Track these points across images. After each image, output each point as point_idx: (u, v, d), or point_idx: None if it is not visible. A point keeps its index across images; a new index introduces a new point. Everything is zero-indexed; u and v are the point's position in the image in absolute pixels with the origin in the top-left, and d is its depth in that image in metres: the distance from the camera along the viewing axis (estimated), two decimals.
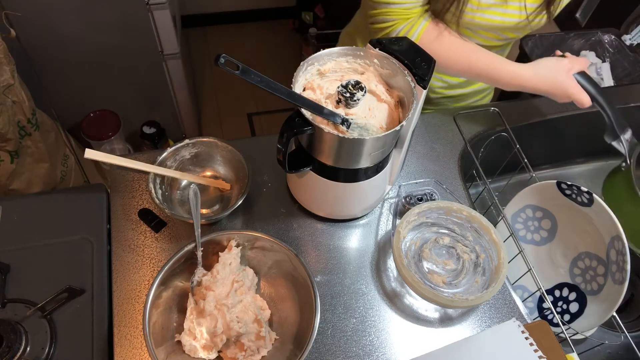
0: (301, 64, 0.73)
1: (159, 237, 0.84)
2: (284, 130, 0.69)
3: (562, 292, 0.90)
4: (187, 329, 0.71)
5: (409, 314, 0.80)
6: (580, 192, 0.83)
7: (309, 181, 0.80)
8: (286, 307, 0.75)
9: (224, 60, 0.58)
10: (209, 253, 0.74)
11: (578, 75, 0.90)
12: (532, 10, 0.87)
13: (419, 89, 0.72)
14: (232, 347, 0.72)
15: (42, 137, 1.43)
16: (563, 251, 0.92)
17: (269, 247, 0.75)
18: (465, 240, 0.83)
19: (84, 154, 0.74)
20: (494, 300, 0.83)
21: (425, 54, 0.74)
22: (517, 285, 0.92)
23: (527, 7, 0.87)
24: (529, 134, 1.08)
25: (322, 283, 0.82)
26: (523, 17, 0.88)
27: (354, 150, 0.71)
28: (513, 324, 0.73)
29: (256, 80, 0.62)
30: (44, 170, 1.45)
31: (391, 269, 0.84)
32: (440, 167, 0.97)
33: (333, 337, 0.77)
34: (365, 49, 0.76)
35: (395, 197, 0.92)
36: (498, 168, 1.03)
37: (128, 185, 0.89)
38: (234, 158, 0.86)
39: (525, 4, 0.86)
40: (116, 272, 0.80)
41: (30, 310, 0.74)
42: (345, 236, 0.88)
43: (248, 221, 0.87)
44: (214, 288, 0.71)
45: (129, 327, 0.75)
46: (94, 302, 0.77)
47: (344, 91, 0.71)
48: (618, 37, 1.80)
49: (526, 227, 0.97)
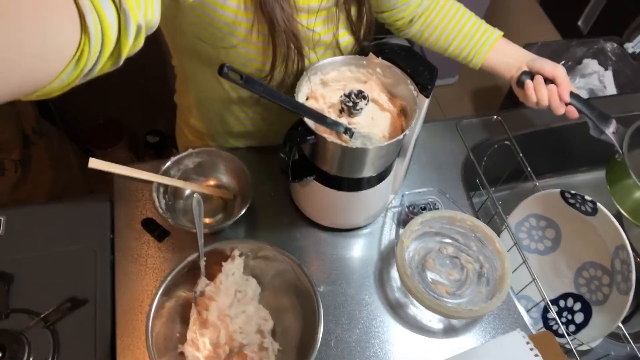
0: (304, 73, 0.73)
1: (162, 247, 0.84)
2: (287, 139, 0.69)
3: (566, 302, 0.89)
4: (190, 340, 0.71)
5: (412, 325, 0.80)
6: (585, 202, 0.83)
7: (312, 190, 0.80)
8: (289, 317, 0.75)
9: (228, 70, 0.58)
10: (212, 263, 0.74)
11: None
12: None
13: (422, 98, 0.72)
14: (235, 358, 0.71)
15: (46, 147, 1.43)
16: (567, 261, 0.91)
17: (272, 256, 0.75)
18: (469, 250, 0.83)
19: (88, 164, 0.74)
20: (498, 311, 0.82)
21: (428, 63, 0.74)
22: (521, 295, 0.92)
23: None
24: (532, 142, 1.08)
25: (325, 293, 0.81)
26: None
27: (357, 160, 0.71)
28: (518, 334, 0.73)
29: (259, 90, 0.62)
30: (48, 180, 1.45)
31: (395, 279, 0.84)
32: (443, 176, 0.97)
33: (337, 347, 0.76)
34: (368, 58, 0.76)
35: (398, 206, 0.92)
36: (501, 177, 1.03)
37: (132, 195, 0.89)
38: (237, 167, 0.86)
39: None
40: (119, 282, 0.80)
41: (34, 321, 0.74)
42: (349, 246, 0.87)
43: (251, 231, 0.87)
44: (216, 298, 0.71)
45: (132, 338, 0.75)
46: (97, 312, 0.77)
47: (346, 100, 0.71)
48: (620, 45, 1.80)
49: (530, 236, 0.97)
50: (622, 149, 0.86)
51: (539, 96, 0.85)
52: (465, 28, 0.89)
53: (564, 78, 0.85)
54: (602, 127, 0.87)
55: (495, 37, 0.89)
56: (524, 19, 2.74)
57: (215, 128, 0.95)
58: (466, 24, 0.89)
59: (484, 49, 0.89)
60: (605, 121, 0.87)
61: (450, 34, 0.90)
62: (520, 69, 0.88)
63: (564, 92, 0.85)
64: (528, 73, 0.87)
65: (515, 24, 2.64)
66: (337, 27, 0.77)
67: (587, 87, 1.75)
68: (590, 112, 0.86)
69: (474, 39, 0.89)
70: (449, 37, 0.90)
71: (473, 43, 0.89)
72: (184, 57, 0.86)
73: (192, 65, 0.85)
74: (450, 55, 0.93)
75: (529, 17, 2.72)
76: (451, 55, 0.93)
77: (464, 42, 0.90)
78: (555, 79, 0.86)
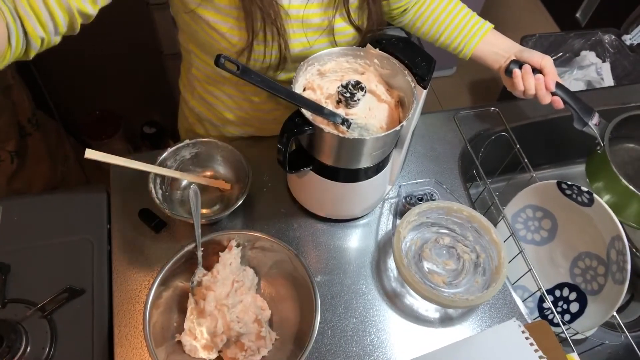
0: (301, 64, 0.73)
1: (159, 237, 0.84)
2: (284, 130, 0.69)
3: (562, 292, 0.90)
4: (188, 329, 0.71)
5: (409, 314, 0.80)
6: (581, 192, 0.83)
7: (309, 181, 0.80)
8: (286, 307, 0.75)
9: (224, 61, 0.58)
10: (209, 253, 0.74)
11: None
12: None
13: (419, 89, 0.72)
14: (232, 347, 0.72)
15: (42, 137, 1.43)
16: (563, 251, 0.92)
17: (269, 247, 0.75)
18: (466, 240, 0.83)
19: (85, 154, 0.74)
20: (494, 300, 0.83)
21: (426, 54, 0.74)
22: (518, 285, 0.92)
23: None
24: (530, 133, 1.08)
25: (322, 283, 0.82)
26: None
27: (354, 150, 0.71)
28: (513, 324, 0.73)
29: (256, 80, 0.62)
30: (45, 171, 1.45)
31: (391, 269, 0.84)
32: (441, 167, 0.97)
33: (333, 337, 0.77)
34: (366, 49, 0.76)
35: (395, 197, 0.92)
36: (498, 168, 1.03)
37: (128, 186, 0.89)
38: (234, 158, 0.86)
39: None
40: (116, 272, 0.80)
41: (31, 311, 0.74)
42: (346, 236, 0.88)
43: (248, 221, 0.87)
44: (214, 288, 0.71)
45: (130, 327, 0.75)
46: (94, 302, 0.77)
47: (344, 91, 0.71)
48: (618, 37, 1.80)
49: (526, 227, 0.97)
50: (603, 141, 0.89)
51: (526, 85, 0.86)
52: (457, 19, 0.90)
53: (550, 68, 0.87)
54: (584, 119, 0.89)
55: (486, 29, 0.91)
56: (522, 11, 2.73)
57: (213, 111, 0.96)
58: (457, 15, 0.90)
59: (474, 40, 0.90)
60: (589, 113, 0.90)
61: (442, 25, 0.91)
62: (509, 59, 0.89)
63: (550, 81, 0.86)
64: (517, 62, 0.88)
65: (514, 16, 2.63)
66: (335, 14, 0.77)
67: (584, 78, 1.75)
68: (574, 103, 0.88)
69: (465, 30, 0.90)
70: (440, 27, 0.91)
71: (464, 34, 0.90)
72: (179, 32, 0.88)
73: (183, 39, 0.88)
74: (441, 45, 0.94)
75: (527, 9, 2.71)
76: (442, 45, 0.94)
77: (455, 32, 0.91)
78: (542, 69, 0.87)
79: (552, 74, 0.87)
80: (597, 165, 0.94)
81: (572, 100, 0.88)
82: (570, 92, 0.88)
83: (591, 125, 0.89)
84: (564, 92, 0.87)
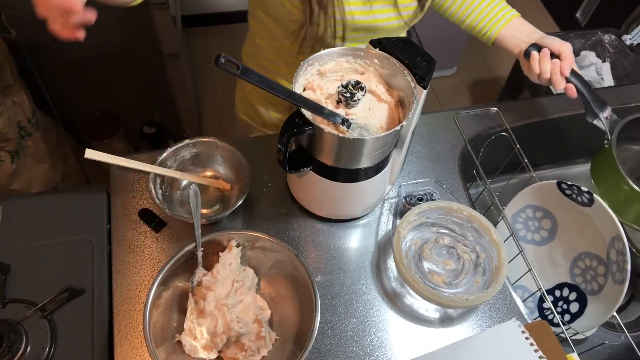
0: (301, 64, 0.73)
1: (159, 237, 0.84)
2: (284, 130, 0.69)
3: (562, 292, 0.90)
4: (188, 329, 0.71)
5: (409, 314, 0.80)
6: (581, 192, 0.83)
7: (309, 181, 0.80)
8: (286, 307, 0.75)
9: (224, 61, 0.58)
10: (209, 253, 0.74)
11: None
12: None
13: (419, 89, 0.72)
14: (232, 347, 0.72)
15: (42, 137, 1.43)
16: (563, 251, 0.92)
17: (269, 247, 0.75)
18: (466, 240, 0.83)
19: (85, 154, 0.74)
20: (494, 300, 0.83)
21: (426, 54, 0.74)
22: (518, 285, 0.92)
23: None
24: (530, 133, 1.08)
25: (322, 283, 0.82)
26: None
27: (354, 151, 0.71)
28: (513, 324, 0.73)
29: (256, 80, 0.62)
30: (44, 170, 1.45)
31: (391, 269, 0.84)
32: (441, 167, 0.97)
33: (333, 337, 0.77)
34: (366, 49, 0.76)
35: (395, 197, 0.92)
36: (498, 168, 1.03)
37: (128, 186, 0.89)
38: (234, 158, 0.86)
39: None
40: (116, 272, 0.80)
41: (31, 311, 0.74)
42: (346, 236, 0.88)
43: (248, 221, 0.87)
44: (214, 288, 0.71)
45: (129, 327, 0.75)
46: (94, 302, 0.77)
47: (344, 91, 0.71)
48: (618, 37, 1.80)
49: (526, 227, 0.97)
50: (611, 135, 0.88)
51: (542, 67, 0.87)
52: (485, 2, 0.94)
53: (568, 54, 0.87)
54: (596, 110, 0.89)
55: (512, 15, 0.93)
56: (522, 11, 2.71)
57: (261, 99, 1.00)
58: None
59: (499, 24, 0.93)
60: (601, 105, 0.89)
61: (470, 6, 0.94)
62: (529, 44, 0.90)
63: (565, 66, 0.86)
64: (536, 46, 0.89)
65: None
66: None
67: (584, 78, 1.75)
68: (587, 93, 0.88)
69: (491, 13, 0.93)
70: (467, 9, 0.95)
71: (490, 17, 0.93)
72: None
73: (252, 4, 0.94)
74: (467, 28, 0.97)
75: (527, 9, 2.70)
76: (468, 27, 0.97)
77: (481, 15, 0.94)
78: (560, 54, 0.87)
79: (569, 59, 0.87)
80: (602, 162, 0.93)
81: (586, 90, 0.87)
82: (585, 82, 0.88)
83: (602, 117, 0.88)
84: (578, 80, 0.87)
